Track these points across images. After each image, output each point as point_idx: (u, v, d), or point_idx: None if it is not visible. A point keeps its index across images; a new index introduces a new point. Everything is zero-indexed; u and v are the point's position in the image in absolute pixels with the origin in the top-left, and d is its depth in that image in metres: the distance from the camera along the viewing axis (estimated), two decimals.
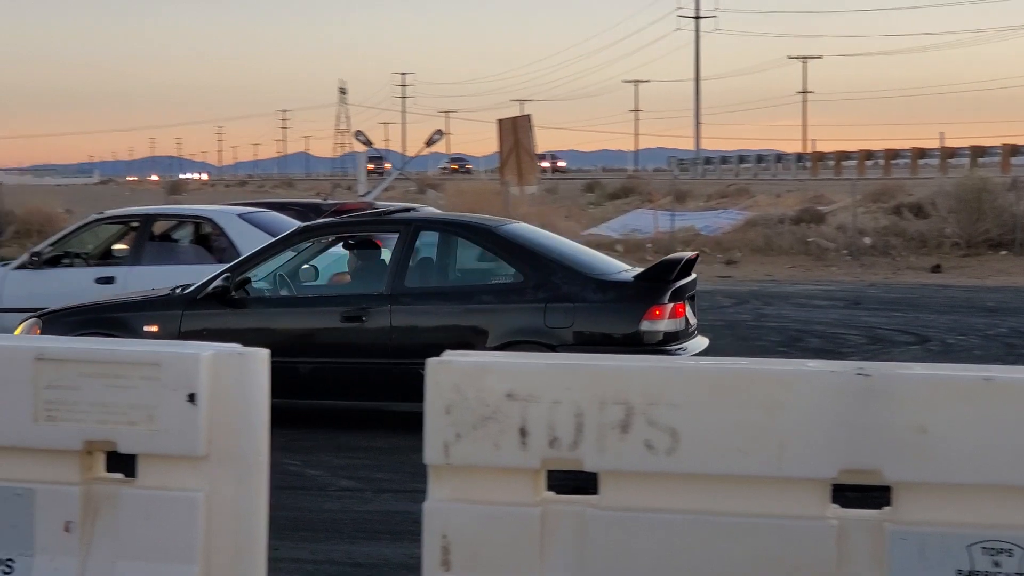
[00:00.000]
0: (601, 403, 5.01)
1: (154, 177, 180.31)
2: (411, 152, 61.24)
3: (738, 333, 19.43)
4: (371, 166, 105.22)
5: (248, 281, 12.23)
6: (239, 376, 5.42)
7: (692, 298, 12.22)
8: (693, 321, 12.25)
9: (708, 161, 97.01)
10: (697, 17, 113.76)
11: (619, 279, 11.85)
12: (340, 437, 11.90)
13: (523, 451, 5.08)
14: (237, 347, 5.53)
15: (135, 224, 17.18)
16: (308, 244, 12.86)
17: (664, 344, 11.46)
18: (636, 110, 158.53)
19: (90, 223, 17.15)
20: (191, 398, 5.34)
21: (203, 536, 5.35)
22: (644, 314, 11.43)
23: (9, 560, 5.60)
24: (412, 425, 12.01)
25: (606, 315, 11.55)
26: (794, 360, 6.60)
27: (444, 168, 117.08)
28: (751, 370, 5.09)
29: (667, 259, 12.11)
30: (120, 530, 5.46)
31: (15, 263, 16.66)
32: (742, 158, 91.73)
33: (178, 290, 12.54)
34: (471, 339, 11.45)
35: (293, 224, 17.33)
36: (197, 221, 17.48)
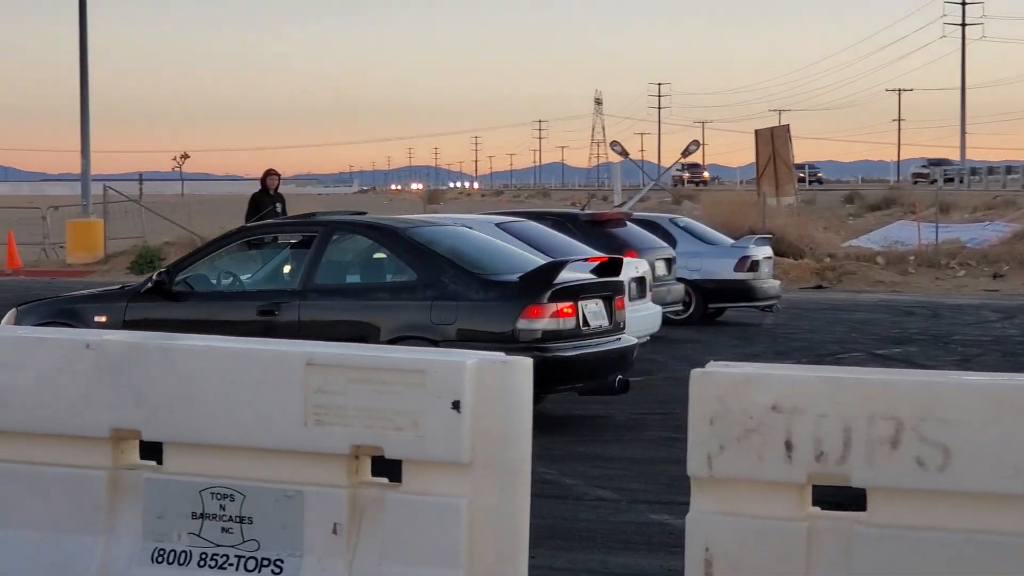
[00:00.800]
0: (870, 417, 4.90)
1: (416, 186, 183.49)
2: (666, 163, 61.10)
3: (1006, 348, 18.85)
4: (686, 175, 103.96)
5: (174, 275, 13.00)
6: (502, 384, 5.45)
7: (608, 298, 12.70)
8: (599, 322, 12.54)
9: (974, 172, 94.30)
10: (963, 24, 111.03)
11: (503, 279, 12.25)
12: (595, 447, 11.91)
13: (788, 465, 4.99)
14: (500, 355, 5.57)
15: None
16: (242, 243, 13.65)
17: (543, 343, 11.82)
18: (899, 119, 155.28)
19: None
20: (455, 405, 5.39)
21: (466, 542, 5.39)
22: (521, 313, 11.88)
23: (279, 560, 5.74)
24: (667, 438, 12.02)
25: (486, 313, 12.04)
26: None
27: (678, 175, 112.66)
28: None
29: (554, 261, 12.83)
30: (385, 533, 5.55)
31: None
32: (1010, 168, 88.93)
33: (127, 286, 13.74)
34: (366, 334, 12.02)
35: (550, 234, 17.46)
36: None
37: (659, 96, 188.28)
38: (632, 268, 16.76)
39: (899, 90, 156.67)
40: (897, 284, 31.58)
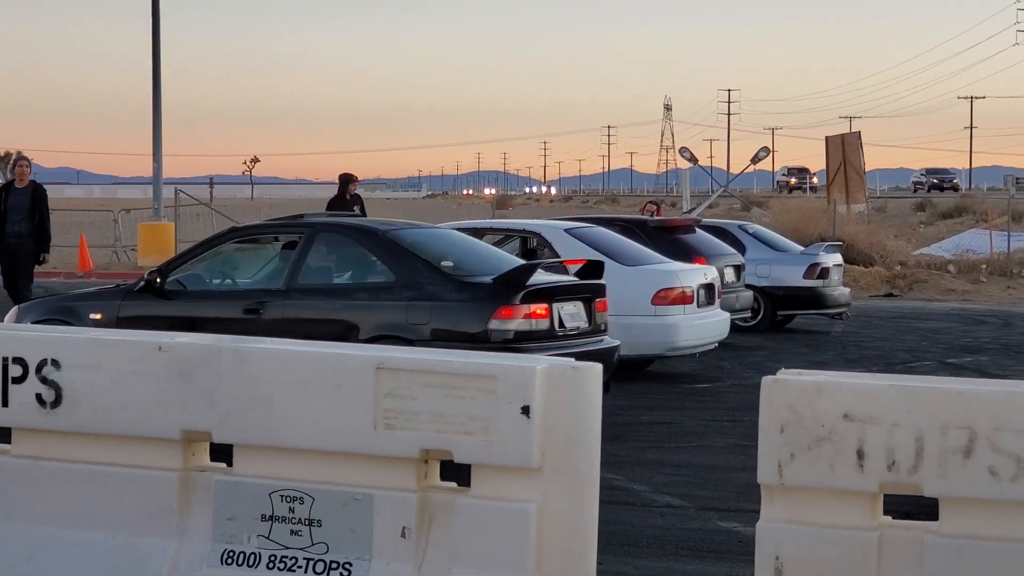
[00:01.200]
0: (943, 427, 4.86)
1: (489, 191, 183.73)
2: (735, 169, 60.85)
3: None
4: (793, 180, 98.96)
5: (166, 274, 13.29)
6: (572, 390, 5.45)
7: (588, 300, 12.98)
8: (577, 324, 12.76)
9: None
10: None
11: (477, 280, 12.47)
12: (662, 454, 11.89)
13: (860, 474, 4.96)
14: (570, 361, 5.57)
15: None
16: (232, 244, 13.94)
17: (515, 343, 11.97)
18: (971, 127, 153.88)
19: None
20: (525, 411, 5.40)
21: (535, 547, 5.40)
22: (493, 313, 12.07)
23: (347, 563, 5.76)
24: (736, 445, 11.97)
25: (459, 313, 12.23)
26: None
27: (783, 179, 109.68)
28: None
29: (528, 263, 13.16)
30: (454, 538, 5.56)
31: None
32: None
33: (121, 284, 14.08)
34: (346, 333, 12.26)
35: (619, 240, 17.44)
36: (525, 235, 17.75)
37: (728, 102, 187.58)
38: (701, 275, 16.72)
39: (971, 97, 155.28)
40: (968, 293, 31.31)
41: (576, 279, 13.46)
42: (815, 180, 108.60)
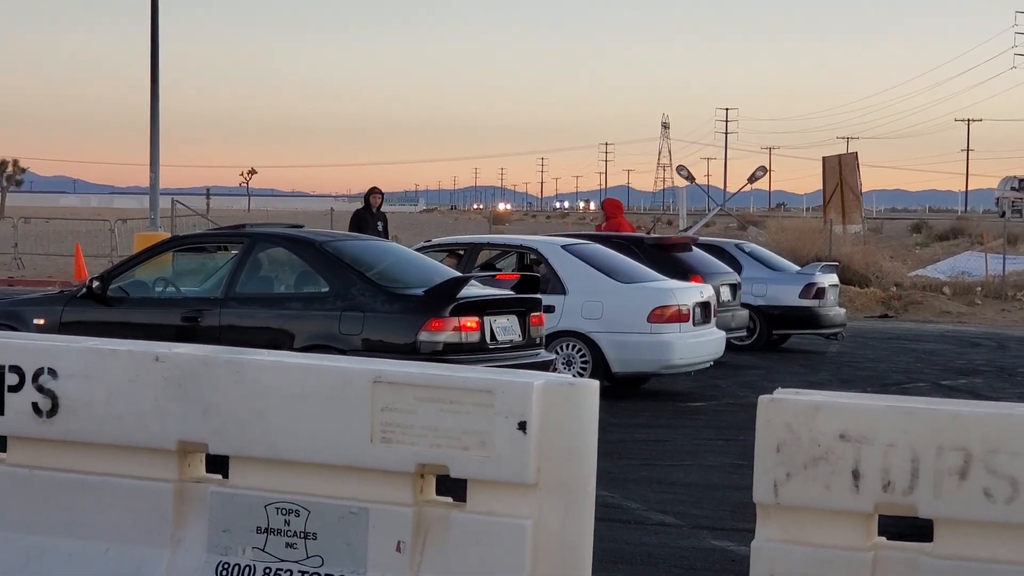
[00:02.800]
0: (939, 448, 4.87)
1: (506, 206, 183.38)
2: (732, 188, 60.90)
3: None
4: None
5: (108, 281, 13.47)
6: (568, 406, 5.46)
7: (523, 314, 13.15)
8: (510, 337, 12.90)
9: None
10: None
11: (409, 292, 12.64)
12: (657, 472, 11.88)
13: (855, 494, 4.97)
14: (567, 377, 5.58)
15: (460, 252, 17.59)
16: (174, 252, 14.21)
17: (444, 355, 12.10)
18: (967, 149, 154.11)
19: (418, 250, 17.59)
20: (522, 426, 5.40)
21: (530, 563, 5.40)
22: (423, 325, 12.23)
23: None
24: (731, 464, 11.97)
25: (390, 324, 12.38)
26: None
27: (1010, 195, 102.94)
28: None
29: (459, 276, 13.33)
30: (450, 553, 5.55)
31: None
32: None
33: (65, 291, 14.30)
34: (282, 341, 12.43)
35: (616, 257, 17.45)
36: (522, 251, 17.77)
37: (726, 121, 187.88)
38: (697, 293, 16.73)
39: (968, 120, 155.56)
40: (963, 315, 31.34)
41: (510, 292, 13.62)
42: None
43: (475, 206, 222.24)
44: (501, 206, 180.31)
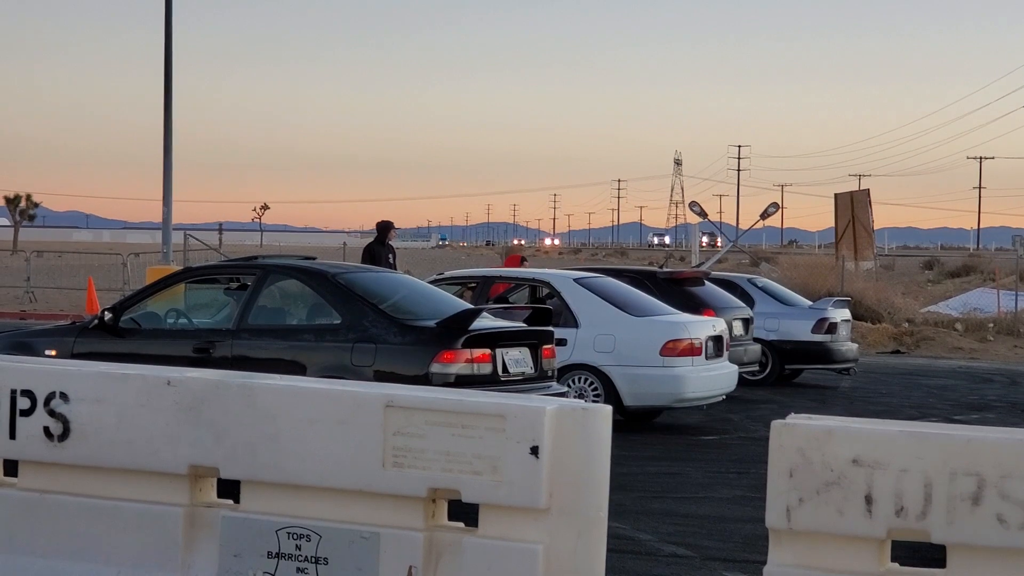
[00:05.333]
0: (952, 473, 4.85)
1: (518, 241, 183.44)
2: (745, 225, 61.00)
3: None
4: (704, 240, 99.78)
5: (120, 312, 13.46)
6: (581, 431, 5.44)
7: (535, 346, 13.08)
8: (522, 369, 12.87)
9: None
10: None
11: (421, 324, 12.58)
12: (669, 504, 11.85)
13: (868, 519, 4.95)
14: (580, 403, 5.56)
15: (472, 285, 17.61)
16: (186, 284, 14.24)
17: (456, 387, 11.90)
18: (979, 187, 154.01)
19: (430, 283, 17.61)
20: (534, 451, 5.39)
21: None
22: (435, 357, 12.21)
23: None
24: (742, 496, 11.94)
25: (402, 356, 12.38)
26: None
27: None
28: None
29: (471, 308, 13.15)
30: None
31: None
32: None
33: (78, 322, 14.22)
34: (293, 372, 12.23)
35: (628, 290, 17.45)
36: (535, 284, 17.77)
37: (739, 158, 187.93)
38: (709, 327, 16.71)
39: (980, 158, 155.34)
40: (975, 351, 31.27)
41: (522, 325, 13.59)
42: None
43: (517, 241, 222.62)
44: (548, 241, 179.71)
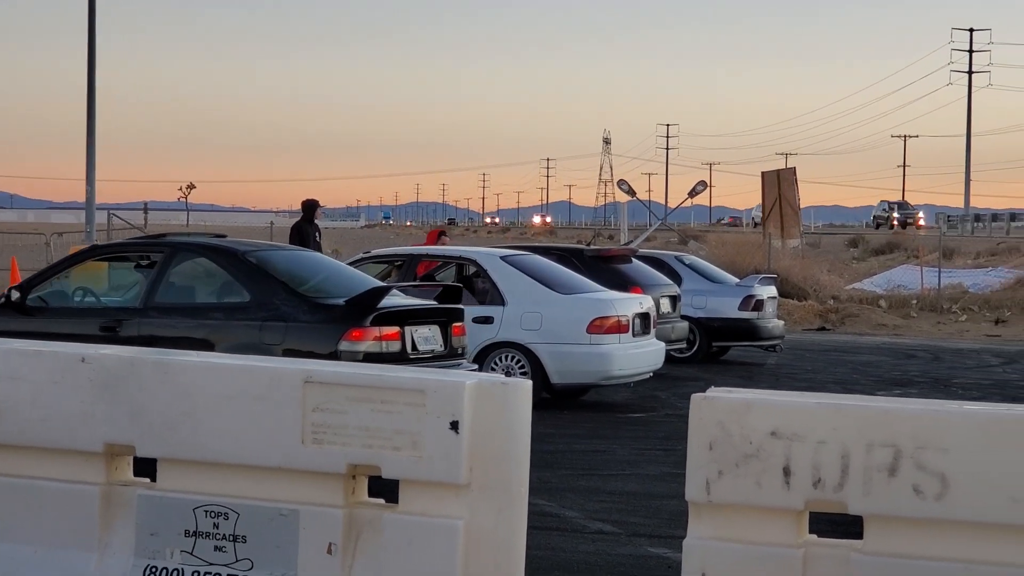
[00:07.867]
0: (868, 445, 4.87)
1: (493, 220, 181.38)
2: (673, 203, 61.24)
3: (1006, 392, 18.81)
4: (895, 216, 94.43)
5: (27, 291, 13.34)
6: (501, 406, 5.42)
7: (444, 324, 13.04)
8: (431, 347, 12.83)
9: (978, 218, 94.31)
10: (970, 72, 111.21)
11: (330, 302, 12.54)
12: (595, 481, 11.87)
13: (786, 491, 4.96)
14: (500, 377, 5.54)
15: (399, 263, 17.56)
16: (94, 261, 14.08)
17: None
18: (904, 165, 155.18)
19: (357, 261, 17.56)
20: (454, 426, 5.36)
21: (462, 564, 5.36)
22: (343, 335, 12.16)
23: None
24: (668, 473, 11.98)
25: (310, 334, 12.32)
26: None
27: (882, 216, 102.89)
28: None
29: (380, 286, 13.18)
30: (381, 554, 5.50)
31: None
32: (1014, 216, 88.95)
33: None
34: (204, 351, 12.11)
35: (555, 268, 17.45)
36: (461, 262, 17.74)
37: (667, 137, 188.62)
38: (637, 304, 16.74)
39: (905, 136, 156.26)
40: (899, 327, 31.57)
41: (432, 303, 13.56)
42: (921, 219, 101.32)
43: (407, 223, 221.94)
44: (536, 219, 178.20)
